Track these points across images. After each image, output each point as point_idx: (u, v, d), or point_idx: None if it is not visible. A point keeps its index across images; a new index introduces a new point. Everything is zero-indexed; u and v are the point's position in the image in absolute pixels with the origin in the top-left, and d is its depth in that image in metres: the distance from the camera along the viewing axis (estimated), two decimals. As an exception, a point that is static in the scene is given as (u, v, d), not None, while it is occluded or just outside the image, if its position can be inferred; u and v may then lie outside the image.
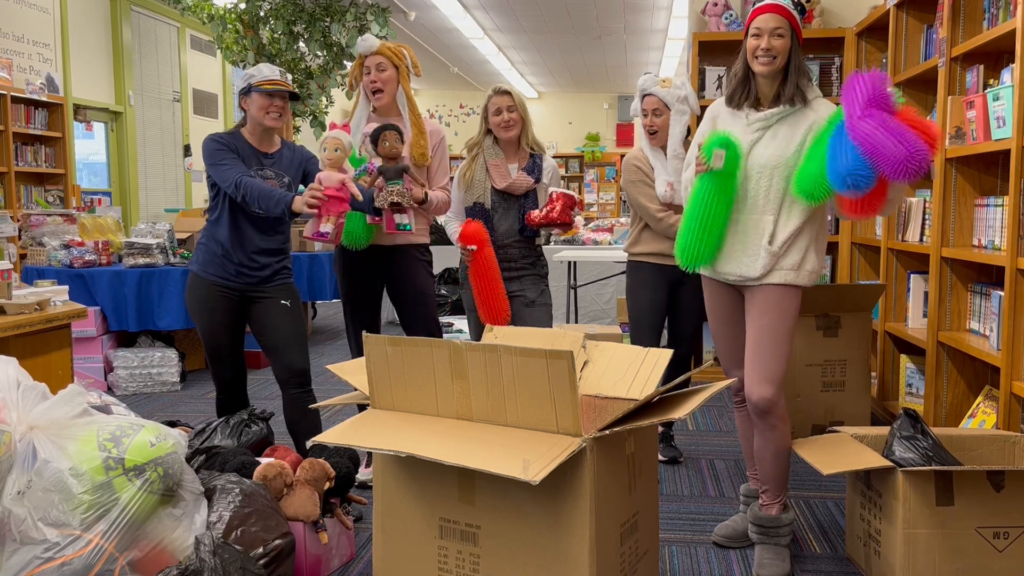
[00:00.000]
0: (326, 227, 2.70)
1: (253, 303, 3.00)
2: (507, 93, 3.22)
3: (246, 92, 2.93)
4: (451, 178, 3.34)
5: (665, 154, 3.28)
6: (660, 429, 3.51)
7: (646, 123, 3.27)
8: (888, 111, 2.21)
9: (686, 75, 4.95)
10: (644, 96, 3.26)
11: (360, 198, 2.83)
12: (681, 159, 3.13)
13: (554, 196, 3.17)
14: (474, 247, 3.11)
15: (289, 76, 3.02)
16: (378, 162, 2.93)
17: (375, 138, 2.96)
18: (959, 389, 3.35)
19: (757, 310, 2.46)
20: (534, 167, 3.27)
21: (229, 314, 2.99)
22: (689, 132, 3.31)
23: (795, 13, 2.44)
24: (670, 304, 3.42)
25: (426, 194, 3.10)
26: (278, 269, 3.02)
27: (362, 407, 2.41)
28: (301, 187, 2.96)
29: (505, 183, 3.21)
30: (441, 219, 3.50)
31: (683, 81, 3.25)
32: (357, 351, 3.25)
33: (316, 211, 2.68)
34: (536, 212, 3.19)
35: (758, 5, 2.45)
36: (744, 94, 2.48)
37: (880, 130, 2.17)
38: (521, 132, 3.26)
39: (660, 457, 3.49)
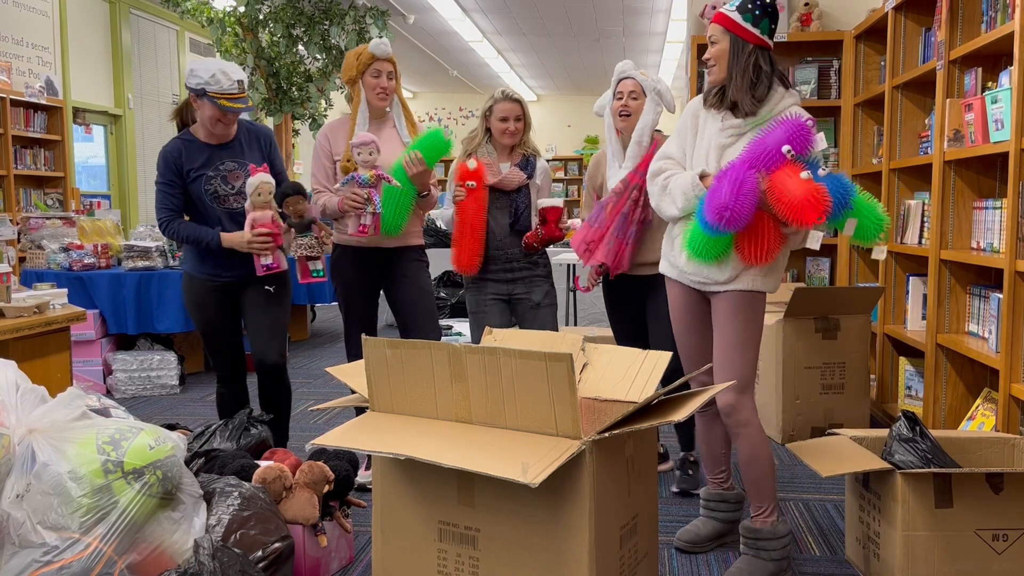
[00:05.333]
0: (267, 260, 2.98)
1: (243, 291, 3.12)
2: (517, 102, 3.24)
3: (199, 94, 2.91)
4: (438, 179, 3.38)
5: (628, 143, 3.09)
6: (682, 453, 3.29)
7: (619, 105, 3.08)
8: (766, 166, 2.23)
9: (685, 78, 4.95)
10: (621, 80, 3.11)
11: (286, 227, 3.06)
12: (644, 147, 3.00)
13: (544, 213, 3.19)
14: (474, 184, 3.15)
15: (244, 76, 2.99)
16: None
17: (280, 202, 3.07)
18: (958, 391, 3.35)
19: (723, 316, 2.46)
20: (527, 165, 3.30)
21: (223, 308, 3.11)
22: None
23: (738, 18, 2.36)
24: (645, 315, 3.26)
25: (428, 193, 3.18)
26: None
27: (361, 410, 2.41)
28: (269, 177, 3.00)
29: (496, 179, 3.22)
30: (439, 220, 3.51)
31: (661, 78, 3.14)
32: (356, 354, 3.26)
33: (261, 249, 2.96)
34: (531, 234, 3.20)
35: None
36: (718, 98, 2.47)
37: (728, 175, 2.23)
38: (521, 137, 3.30)
39: (676, 488, 3.25)
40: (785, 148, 2.21)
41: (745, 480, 2.52)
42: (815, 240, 2.25)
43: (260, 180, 2.94)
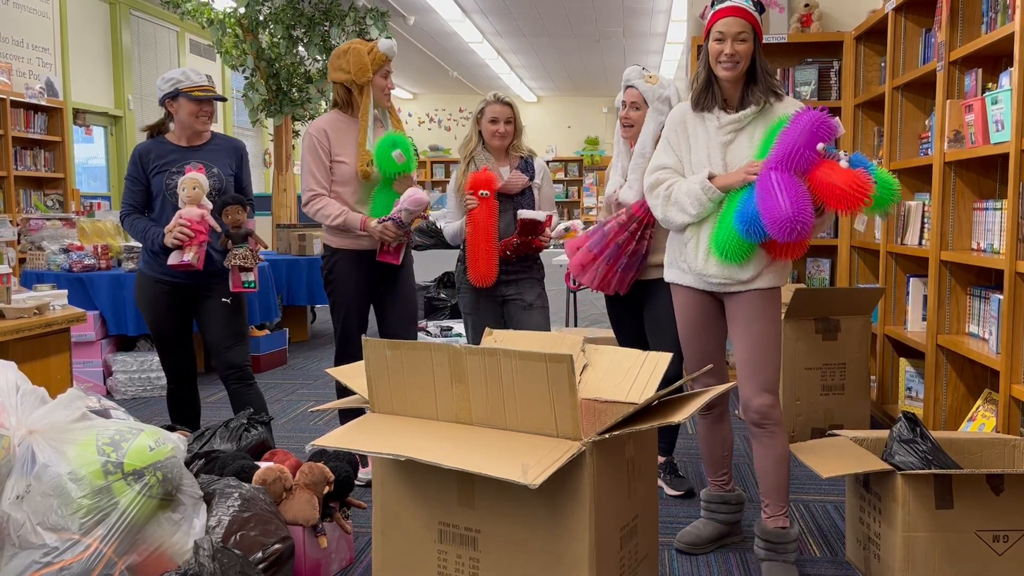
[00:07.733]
0: (188, 256, 2.98)
1: (198, 300, 3.19)
2: (508, 104, 3.24)
3: (173, 96, 3.06)
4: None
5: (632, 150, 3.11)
6: (661, 459, 3.28)
7: (622, 115, 3.14)
8: (803, 168, 2.24)
9: (685, 79, 4.95)
10: (626, 88, 3.14)
11: (219, 230, 3.09)
12: (647, 158, 2.94)
13: (522, 224, 3.18)
14: (487, 192, 3.15)
15: (212, 78, 3.13)
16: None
17: (220, 210, 3.12)
18: (958, 392, 3.35)
19: (746, 317, 2.45)
20: (527, 167, 3.30)
21: (173, 309, 3.18)
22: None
23: (756, 14, 2.41)
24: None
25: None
26: (221, 265, 3.15)
27: (360, 411, 2.41)
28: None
29: (500, 183, 3.22)
30: (439, 222, 3.50)
31: (670, 82, 3.12)
32: (354, 356, 3.25)
33: (182, 244, 2.98)
34: (506, 241, 3.19)
35: (718, 8, 2.42)
36: (710, 98, 2.47)
37: (778, 185, 2.22)
38: (511, 140, 3.29)
39: (673, 492, 3.22)
40: (820, 146, 2.23)
41: (771, 481, 2.51)
42: (860, 222, 2.29)
43: (187, 176, 3.02)
